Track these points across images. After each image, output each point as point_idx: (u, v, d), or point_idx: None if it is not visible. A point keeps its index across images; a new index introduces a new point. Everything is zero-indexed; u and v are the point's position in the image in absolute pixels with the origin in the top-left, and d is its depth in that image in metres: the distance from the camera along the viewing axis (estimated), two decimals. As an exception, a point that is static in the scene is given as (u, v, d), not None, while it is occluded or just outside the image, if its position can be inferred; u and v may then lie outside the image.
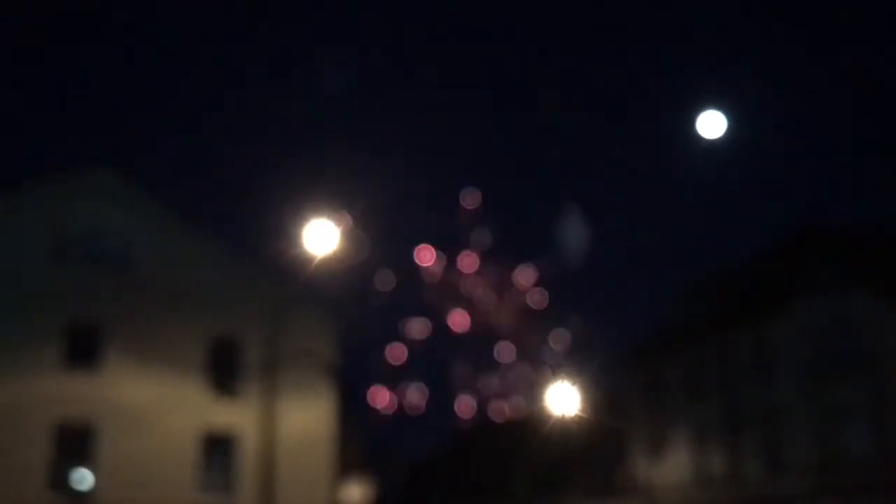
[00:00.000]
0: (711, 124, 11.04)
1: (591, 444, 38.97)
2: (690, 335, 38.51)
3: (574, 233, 32.01)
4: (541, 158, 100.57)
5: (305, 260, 11.26)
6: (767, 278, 36.36)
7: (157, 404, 26.15)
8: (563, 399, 13.15)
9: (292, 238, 10.88)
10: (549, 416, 13.80)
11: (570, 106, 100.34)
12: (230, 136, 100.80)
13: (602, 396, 30.79)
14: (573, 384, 12.99)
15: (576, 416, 13.39)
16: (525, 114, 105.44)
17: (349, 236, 10.90)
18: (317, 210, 10.59)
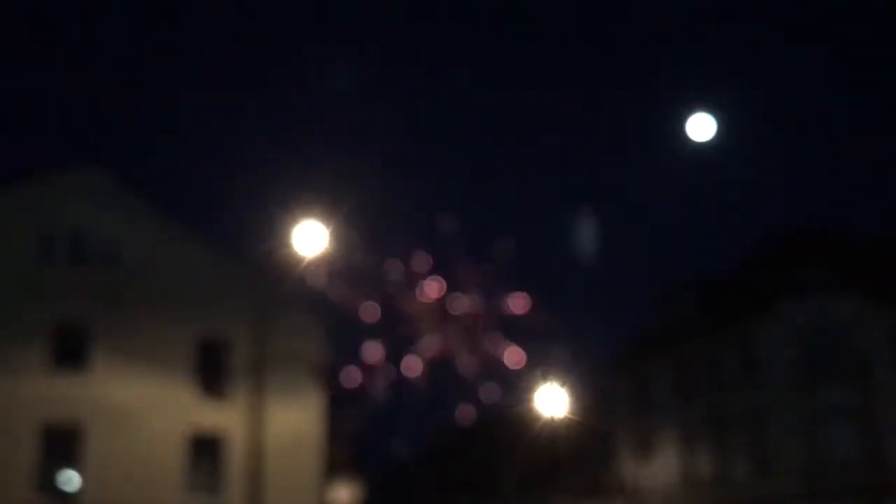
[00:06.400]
0: (700, 127, 11.06)
1: (579, 446, 39.01)
2: (677, 337, 38.59)
3: (587, 233, 32.04)
4: (525, 160, 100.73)
5: (293, 261, 11.21)
6: (754, 281, 36.46)
7: (144, 405, 26.03)
8: (552, 400, 13.17)
9: (280, 239, 10.84)
10: (537, 417, 13.81)
11: (555, 107, 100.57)
12: (218, 136, 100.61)
13: (590, 398, 30.82)
14: (562, 386, 13.01)
15: (564, 417, 13.40)
16: (513, 114, 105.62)
17: (338, 237, 10.87)
18: (306, 211, 10.55)
